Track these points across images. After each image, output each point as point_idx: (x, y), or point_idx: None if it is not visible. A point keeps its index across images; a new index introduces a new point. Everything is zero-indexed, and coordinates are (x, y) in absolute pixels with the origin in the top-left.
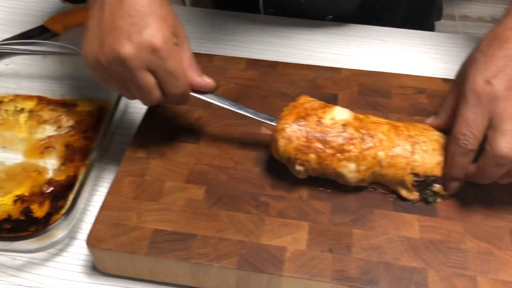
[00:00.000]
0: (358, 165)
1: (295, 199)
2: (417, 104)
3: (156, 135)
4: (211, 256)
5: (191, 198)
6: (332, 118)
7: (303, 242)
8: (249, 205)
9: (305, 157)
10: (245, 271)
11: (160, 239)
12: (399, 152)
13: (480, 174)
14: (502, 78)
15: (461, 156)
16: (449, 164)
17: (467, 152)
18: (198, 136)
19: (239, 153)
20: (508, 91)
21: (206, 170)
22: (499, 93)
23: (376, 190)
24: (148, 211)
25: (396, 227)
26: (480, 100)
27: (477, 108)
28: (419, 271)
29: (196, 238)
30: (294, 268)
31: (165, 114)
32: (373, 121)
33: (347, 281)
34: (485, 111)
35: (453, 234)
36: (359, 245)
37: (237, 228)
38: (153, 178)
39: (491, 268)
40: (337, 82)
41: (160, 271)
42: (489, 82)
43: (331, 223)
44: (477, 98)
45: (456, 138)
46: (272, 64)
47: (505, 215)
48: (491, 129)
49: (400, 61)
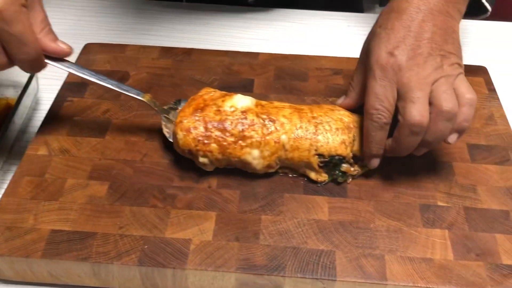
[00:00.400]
0: (261, 151)
1: (204, 189)
2: (333, 85)
3: (60, 131)
4: (111, 254)
5: (93, 195)
6: (232, 106)
7: (210, 232)
8: (154, 199)
9: (207, 147)
10: (148, 267)
11: (58, 240)
12: (302, 134)
13: (397, 147)
14: (403, 48)
15: (376, 131)
16: (366, 141)
17: (381, 126)
18: (104, 130)
19: (147, 145)
20: (411, 60)
21: (110, 164)
22: (402, 64)
23: (287, 175)
24: (47, 211)
25: (305, 210)
26: (386, 72)
27: (384, 81)
28: (327, 253)
29: (96, 236)
30: (198, 260)
31: (70, 108)
32: (276, 106)
33: (252, 270)
34: (392, 83)
35: (363, 214)
36: (267, 231)
37: (140, 223)
38: (54, 176)
39: (400, 246)
40: (254, 67)
41: (60, 274)
42: (392, 53)
43: (239, 211)
44: (383, 71)
45: (369, 113)
46: (186, 52)
47: (416, 192)
48: (401, 100)
49: (323, 43)
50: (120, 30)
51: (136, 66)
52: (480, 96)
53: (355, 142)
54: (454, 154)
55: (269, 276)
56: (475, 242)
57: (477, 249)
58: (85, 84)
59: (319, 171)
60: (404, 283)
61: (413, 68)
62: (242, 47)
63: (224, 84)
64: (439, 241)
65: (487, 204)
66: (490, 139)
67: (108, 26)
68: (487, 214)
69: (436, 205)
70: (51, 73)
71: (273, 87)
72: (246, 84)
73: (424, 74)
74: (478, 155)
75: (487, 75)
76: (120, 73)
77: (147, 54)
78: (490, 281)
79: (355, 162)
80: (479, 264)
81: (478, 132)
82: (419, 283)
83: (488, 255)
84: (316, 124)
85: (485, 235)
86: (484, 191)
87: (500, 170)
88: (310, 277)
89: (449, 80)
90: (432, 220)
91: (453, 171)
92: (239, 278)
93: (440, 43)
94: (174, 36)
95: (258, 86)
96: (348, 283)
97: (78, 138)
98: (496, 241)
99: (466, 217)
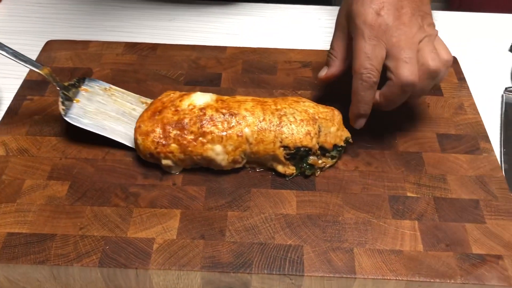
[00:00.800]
0: (224, 146)
1: (168, 186)
2: (301, 78)
3: (18, 131)
4: (71, 256)
5: (52, 196)
6: (190, 104)
7: (174, 231)
8: (116, 198)
9: (167, 148)
10: (109, 268)
11: (14, 243)
12: (266, 126)
13: (385, 103)
14: (388, 8)
15: (366, 91)
16: (355, 101)
17: (371, 86)
18: (66, 128)
19: (110, 143)
20: (397, 20)
21: (71, 164)
22: (390, 23)
23: (255, 170)
24: (2, 214)
25: (273, 205)
26: (375, 31)
27: (373, 40)
28: (294, 248)
29: (55, 238)
30: (161, 260)
31: (30, 107)
32: (238, 100)
33: (218, 268)
34: (381, 42)
35: (331, 206)
36: (233, 228)
37: (101, 223)
38: (11, 177)
39: (369, 238)
40: (221, 61)
41: (18, 279)
42: (379, 13)
43: (205, 208)
44: (372, 30)
45: (359, 73)
46: (152, 47)
47: (385, 183)
48: (391, 59)
49: (292, 37)
50: (84, 27)
51: (99, 62)
52: (450, 85)
53: (321, 133)
54: (423, 144)
55: (235, 274)
56: (445, 232)
57: (447, 239)
58: (46, 82)
59: (286, 163)
60: (373, 276)
61: (401, 27)
62: (210, 43)
63: (191, 79)
64: (408, 232)
65: (457, 193)
66: (460, 128)
67: (72, 23)
68: (456, 203)
69: (405, 196)
70: (11, 72)
71: (241, 81)
72: (213, 79)
73: (411, 34)
74: (447, 144)
75: (457, 64)
76: (82, 69)
77: (111, 50)
78: (460, 271)
79: (323, 154)
80: (449, 254)
81: (447, 121)
82: (388, 275)
83: (458, 245)
84: (280, 116)
85: (455, 224)
86: (454, 181)
87: (470, 159)
88: (278, 273)
89: (431, 40)
90: (401, 212)
91: (422, 161)
92: (205, 276)
93: (419, 3)
94: (140, 32)
95: (225, 80)
96: (316, 278)
97: (38, 137)
98: (466, 230)
99: (436, 207)
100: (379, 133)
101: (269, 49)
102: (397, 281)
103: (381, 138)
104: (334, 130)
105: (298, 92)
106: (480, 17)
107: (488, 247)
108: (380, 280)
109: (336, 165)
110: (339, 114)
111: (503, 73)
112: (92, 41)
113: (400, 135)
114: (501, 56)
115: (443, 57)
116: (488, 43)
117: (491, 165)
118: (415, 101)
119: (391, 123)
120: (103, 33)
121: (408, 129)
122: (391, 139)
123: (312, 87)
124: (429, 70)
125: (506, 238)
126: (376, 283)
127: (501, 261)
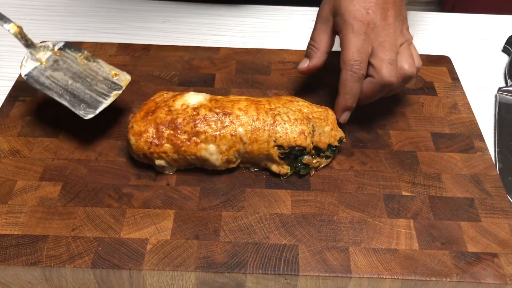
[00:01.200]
0: (218, 145)
1: (162, 186)
2: (295, 78)
3: (10, 132)
4: (63, 257)
5: (45, 197)
6: (184, 104)
7: (168, 231)
8: (109, 198)
9: (160, 148)
10: (102, 270)
11: (5, 245)
12: (259, 125)
13: (363, 98)
14: (377, 8)
15: (355, 82)
16: (342, 92)
17: (360, 78)
18: (58, 129)
19: (103, 143)
20: (383, 21)
21: (64, 164)
22: (377, 22)
23: (249, 170)
24: None
25: (268, 205)
26: (364, 27)
27: (362, 35)
28: (289, 248)
29: (47, 239)
30: (155, 261)
31: (22, 108)
32: (231, 99)
33: (212, 268)
34: (369, 39)
35: (326, 206)
36: (228, 228)
37: (94, 224)
38: (3, 179)
39: (364, 237)
40: (214, 62)
41: (10, 281)
42: (368, 11)
43: (199, 208)
44: (362, 26)
45: (349, 64)
46: (145, 48)
47: (380, 182)
48: (376, 58)
49: (286, 38)
50: (77, 28)
51: None
52: (444, 85)
53: (315, 133)
54: (418, 144)
55: (229, 274)
56: (440, 230)
57: (442, 237)
58: None
59: (281, 163)
60: (369, 275)
61: (386, 28)
62: (204, 43)
63: (184, 80)
64: (404, 231)
65: (452, 192)
66: (454, 127)
67: (66, 25)
68: (451, 202)
69: (400, 195)
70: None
71: (234, 81)
72: (207, 79)
73: (395, 36)
74: (442, 143)
75: (450, 64)
76: None
77: (104, 51)
78: (455, 269)
79: (317, 154)
80: (445, 252)
81: (442, 120)
82: (384, 274)
83: (453, 243)
84: (274, 115)
85: (450, 223)
86: (448, 179)
87: (464, 158)
88: (272, 272)
89: (409, 45)
90: (396, 210)
91: (417, 160)
92: (199, 277)
93: (400, 8)
94: (133, 34)
95: (219, 80)
96: (311, 277)
97: (30, 138)
98: (461, 228)
99: (431, 206)
100: (374, 133)
101: (263, 49)
102: (392, 280)
103: (375, 138)
104: (328, 130)
105: (292, 92)
106: (473, 18)
107: (483, 245)
108: (375, 279)
109: (330, 164)
110: (333, 114)
111: (497, 73)
112: (85, 42)
113: (395, 135)
114: (495, 56)
115: (417, 64)
116: (482, 44)
117: (486, 163)
118: (382, 97)
119: (386, 122)
120: (96, 35)
121: (403, 128)
122: (386, 139)
123: (306, 88)
124: (405, 74)
125: (501, 236)
126: (372, 282)
127: (496, 259)
